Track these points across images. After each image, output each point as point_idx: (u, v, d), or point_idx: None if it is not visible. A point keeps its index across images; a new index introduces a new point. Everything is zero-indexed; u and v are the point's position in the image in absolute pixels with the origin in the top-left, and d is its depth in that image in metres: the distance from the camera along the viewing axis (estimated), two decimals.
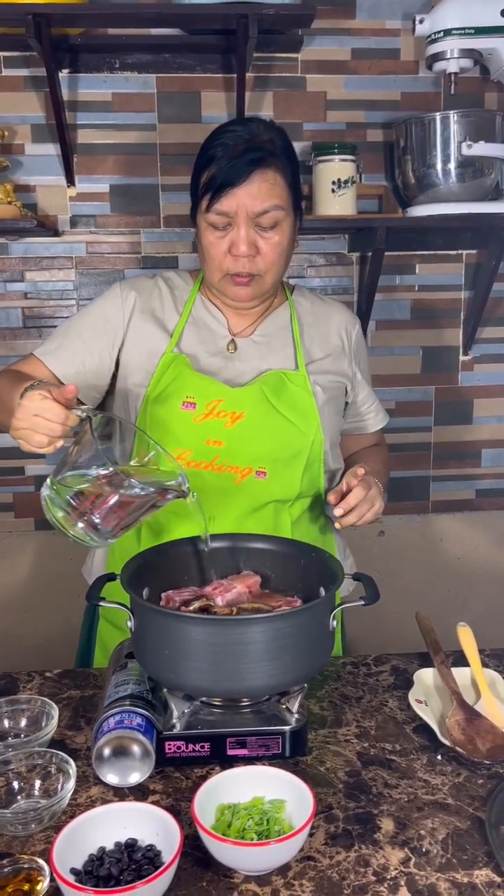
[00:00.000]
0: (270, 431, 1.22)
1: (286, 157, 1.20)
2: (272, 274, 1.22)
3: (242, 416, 1.21)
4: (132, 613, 0.96)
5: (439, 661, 1.11)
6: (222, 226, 1.18)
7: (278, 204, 1.18)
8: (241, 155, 1.15)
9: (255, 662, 0.88)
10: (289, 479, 1.24)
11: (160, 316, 1.28)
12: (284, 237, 1.21)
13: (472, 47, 1.74)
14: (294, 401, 1.25)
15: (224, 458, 1.20)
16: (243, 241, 1.17)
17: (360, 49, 1.92)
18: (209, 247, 1.20)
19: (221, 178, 1.15)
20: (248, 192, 1.15)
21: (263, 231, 1.18)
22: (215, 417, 1.20)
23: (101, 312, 1.29)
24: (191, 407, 1.21)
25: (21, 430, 0.98)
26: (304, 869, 0.78)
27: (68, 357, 1.27)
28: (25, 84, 1.86)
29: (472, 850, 0.81)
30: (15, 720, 1.01)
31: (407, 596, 2.04)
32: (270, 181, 1.17)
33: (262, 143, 1.17)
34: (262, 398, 1.22)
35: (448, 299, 2.06)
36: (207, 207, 1.17)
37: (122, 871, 0.74)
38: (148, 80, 1.89)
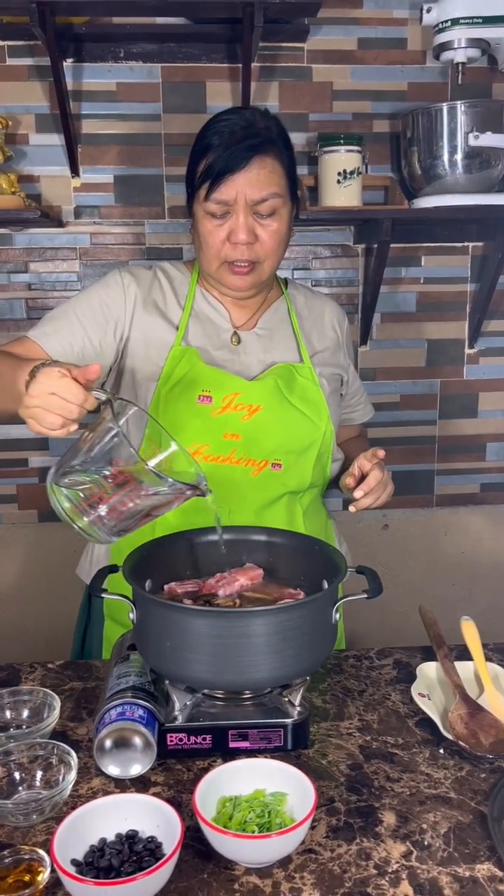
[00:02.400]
0: (286, 424, 1.23)
1: (283, 144, 1.20)
2: (270, 262, 1.22)
3: (259, 408, 1.21)
4: (134, 605, 0.96)
5: (442, 654, 1.10)
6: (220, 214, 1.17)
7: (276, 192, 1.17)
8: (240, 141, 1.15)
9: (257, 655, 0.88)
10: (302, 471, 1.25)
11: (163, 308, 1.27)
12: (283, 225, 1.20)
13: (479, 37, 1.72)
14: (304, 393, 1.26)
15: (241, 451, 1.21)
16: (242, 228, 1.17)
17: (367, 39, 1.90)
18: (207, 235, 1.19)
19: (220, 165, 1.15)
20: (246, 180, 1.15)
21: (262, 219, 1.18)
22: (233, 411, 1.21)
23: (102, 300, 1.25)
24: (207, 400, 1.20)
25: (33, 408, 0.91)
26: (306, 862, 0.78)
27: (66, 341, 1.21)
28: (29, 73, 1.85)
29: (473, 845, 0.80)
30: (17, 711, 1.01)
31: (410, 589, 2.04)
32: (269, 168, 1.16)
33: (259, 130, 1.16)
34: (277, 391, 1.23)
35: (454, 292, 2.05)
36: (206, 196, 1.16)
37: (123, 863, 0.74)
38: (153, 70, 1.88)
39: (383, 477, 1.16)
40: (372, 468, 1.15)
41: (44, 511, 2.06)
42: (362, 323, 2.02)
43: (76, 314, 1.24)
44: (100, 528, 0.94)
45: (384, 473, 1.17)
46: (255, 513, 1.23)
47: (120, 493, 0.92)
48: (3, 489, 2.05)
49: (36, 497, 2.05)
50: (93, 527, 0.94)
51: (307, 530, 1.26)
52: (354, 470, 1.17)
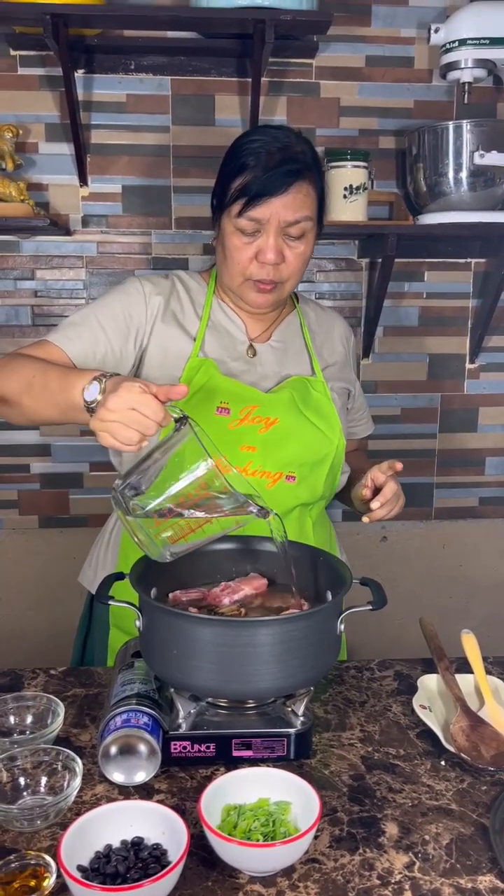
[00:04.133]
0: (301, 437, 1.24)
1: (317, 169, 1.22)
2: (292, 282, 1.24)
3: (276, 421, 1.22)
4: (140, 613, 0.97)
5: (443, 667, 1.11)
6: (251, 231, 1.18)
7: (308, 215, 1.19)
8: (279, 165, 1.16)
9: (262, 664, 0.89)
10: (314, 483, 1.26)
11: (181, 319, 1.28)
12: (309, 247, 1.23)
13: (486, 57, 1.75)
14: (318, 406, 1.28)
15: (257, 463, 1.21)
16: (272, 248, 1.18)
17: (375, 56, 1.92)
18: (234, 251, 1.20)
19: (258, 188, 1.15)
20: (282, 203, 1.16)
21: (291, 240, 1.20)
22: (250, 423, 1.22)
23: (125, 308, 1.24)
24: (225, 412, 1.21)
25: (110, 422, 0.89)
26: (309, 871, 0.79)
27: (89, 348, 1.21)
28: (41, 83, 1.87)
29: (475, 856, 0.81)
30: (20, 717, 1.02)
31: (409, 602, 2.05)
32: (304, 193, 1.18)
33: (296, 154, 1.18)
34: (293, 404, 1.25)
35: (456, 307, 2.07)
36: (240, 213, 1.17)
37: (129, 870, 0.74)
38: (163, 83, 1.90)
39: (398, 489, 1.18)
40: (387, 480, 1.17)
41: (44, 516, 2.07)
42: (365, 336, 2.04)
43: (98, 320, 1.23)
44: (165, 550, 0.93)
45: (398, 486, 1.18)
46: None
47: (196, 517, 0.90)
48: (4, 494, 2.05)
49: (37, 502, 2.06)
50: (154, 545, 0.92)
51: (316, 541, 1.27)
52: (368, 481, 1.18)
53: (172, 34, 1.82)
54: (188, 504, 0.90)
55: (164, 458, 0.91)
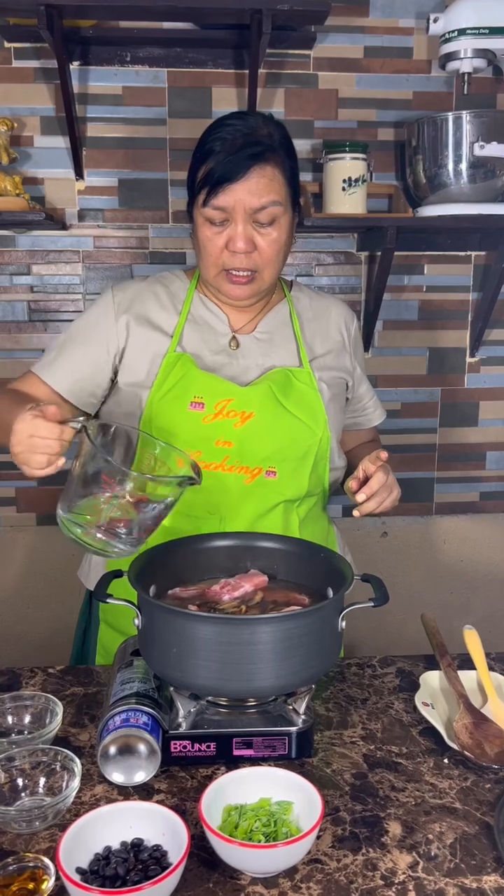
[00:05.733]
0: (280, 430, 1.21)
1: (285, 152, 1.18)
2: (270, 271, 1.21)
3: (252, 415, 1.20)
4: (139, 611, 0.95)
5: (446, 663, 1.10)
6: (219, 221, 1.16)
7: (276, 200, 1.16)
8: (240, 149, 1.13)
9: (263, 662, 0.88)
10: (298, 479, 1.23)
11: (156, 319, 1.26)
12: (282, 233, 1.19)
13: (485, 47, 1.73)
14: (301, 398, 1.24)
15: (234, 458, 1.19)
16: (240, 237, 1.15)
17: (373, 47, 1.91)
18: (206, 242, 1.19)
19: (219, 173, 1.13)
20: (245, 188, 1.14)
21: (261, 227, 1.17)
22: (225, 417, 1.19)
23: (94, 320, 1.27)
24: (199, 407, 1.20)
25: (19, 454, 0.97)
26: (312, 872, 0.78)
27: (65, 368, 1.25)
28: (36, 76, 1.85)
29: (480, 856, 0.80)
30: (18, 716, 1.01)
31: (409, 597, 2.04)
32: (268, 176, 1.15)
33: (260, 138, 1.15)
34: (271, 397, 1.21)
35: (456, 300, 2.05)
36: (204, 202, 1.15)
37: (129, 871, 0.73)
38: (159, 75, 1.88)
39: (387, 480, 1.13)
40: (375, 471, 1.13)
41: (42, 514, 2.05)
42: (364, 330, 2.02)
43: (72, 339, 1.27)
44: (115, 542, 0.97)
45: (388, 476, 1.14)
46: (248, 522, 1.21)
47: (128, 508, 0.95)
48: (2, 492, 2.04)
49: (35, 500, 2.04)
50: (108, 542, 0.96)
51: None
52: (359, 473, 1.15)
53: (168, 25, 1.80)
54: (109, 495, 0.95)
55: (75, 470, 0.97)
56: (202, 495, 1.19)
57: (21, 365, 1.98)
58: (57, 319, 1.97)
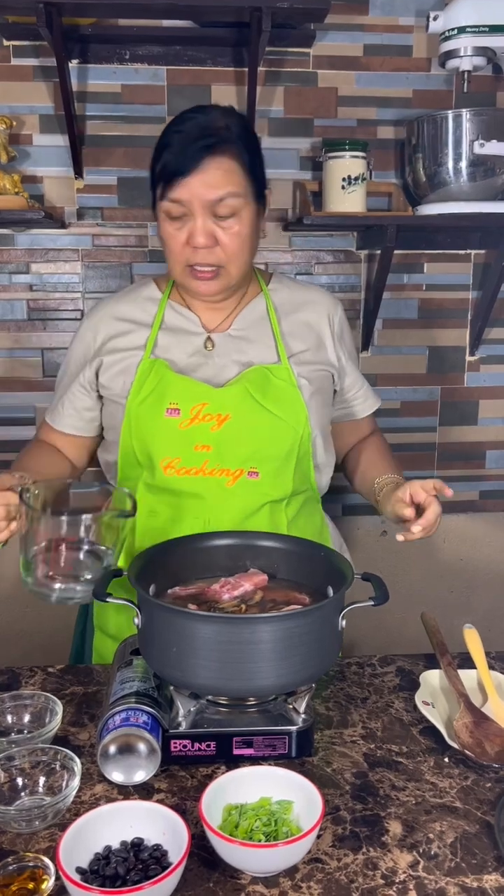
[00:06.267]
0: (258, 430, 1.20)
1: (243, 143, 1.16)
2: (236, 265, 1.18)
3: (228, 417, 1.19)
4: (139, 610, 0.95)
5: (446, 662, 1.10)
6: (178, 214, 1.15)
7: (234, 191, 1.13)
8: (194, 141, 1.12)
9: (263, 661, 0.87)
10: (282, 478, 1.22)
11: (131, 334, 1.26)
12: (244, 226, 1.16)
13: (485, 45, 1.73)
14: (280, 396, 1.21)
15: (214, 461, 1.19)
16: (200, 231, 1.13)
17: (373, 45, 1.90)
18: (168, 238, 1.17)
19: (173, 167, 1.12)
20: (201, 181, 1.11)
21: (221, 220, 1.14)
22: (201, 422, 1.18)
23: (74, 355, 1.31)
24: (175, 413, 1.19)
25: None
26: (312, 871, 0.77)
27: (66, 410, 1.31)
28: (35, 74, 1.85)
29: (481, 855, 0.80)
30: (18, 716, 1.01)
31: (409, 596, 2.04)
32: (224, 168, 1.12)
33: (216, 130, 1.13)
34: (246, 397, 1.20)
35: (455, 299, 2.05)
36: (161, 196, 1.15)
37: (129, 871, 0.73)
38: (158, 73, 1.87)
39: (440, 511, 1.11)
40: (431, 501, 1.10)
41: None
42: (364, 329, 2.02)
43: (64, 378, 1.33)
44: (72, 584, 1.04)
45: (440, 507, 1.11)
46: (233, 523, 1.20)
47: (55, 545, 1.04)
48: None
49: None
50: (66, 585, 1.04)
51: None
52: (407, 497, 1.11)
53: (168, 23, 1.80)
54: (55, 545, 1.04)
55: (23, 531, 1.05)
56: (186, 500, 1.20)
57: (20, 364, 1.98)
58: (56, 318, 1.97)
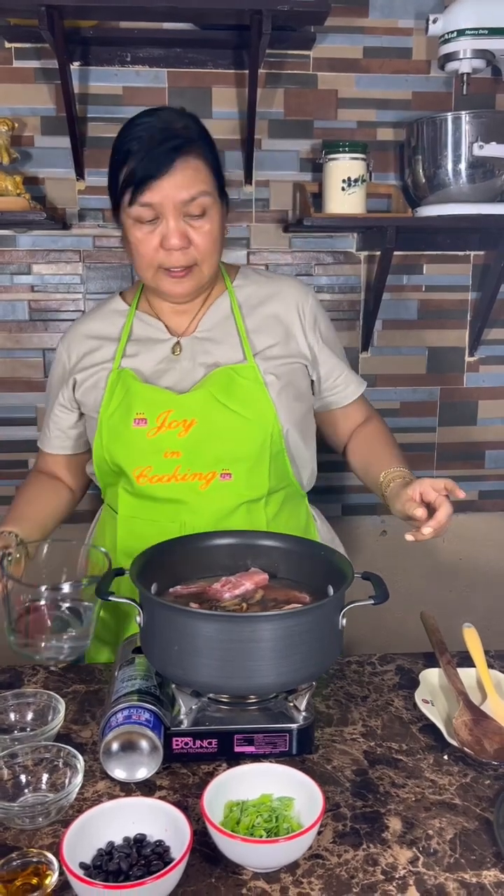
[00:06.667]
0: (225, 433, 1.20)
1: (204, 143, 1.17)
2: (208, 264, 1.19)
3: (195, 422, 1.19)
4: (141, 608, 0.96)
5: (445, 661, 1.11)
6: (149, 219, 1.15)
7: (205, 190, 1.14)
8: (159, 144, 1.12)
9: (264, 660, 0.88)
10: (256, 477, 1.23)
11: (100, 350, 1.29)
12: (215, 225, 1.17)
13: (485, 48, 1.73)
14: (246, 395, 1.21)
15: (185, 467, 1.20)
16: (174, 233, 1.14)
17: (373, 48, 1.91)
18: (138, 244, 1.17)
19: (142, 172, 1.12)
20: (172, 182, 1.12)
21: (193, 220, 1.15)
22: (168, 429, 1.19)
23: (55, 376, 1.34)
24: (142, 423, 1.20)
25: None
26: (313, 867, 0.78)
27: (57, 431, 1.35)
28: (36, 76, 1.85)
29: (479, 851, 0.81)
30: (21, 714, 1.01)
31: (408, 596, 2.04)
32: (193, 167, 1.13)
33: (178, 131, 1.14)
34: (211, 400, 1.20)
35: (455, 300, 2.06)
36: (131, 201, 1.14)
37: (132, 867, 0.74)
38: (159, 75, 1.88)
39: (451, 512, 1.07)
40: (442, 501, 1.07)
41: None
42: (364, 329, 2.03)
43: (51, 398, 1.36)
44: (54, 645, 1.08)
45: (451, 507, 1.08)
46: (210, 525, 1.21)
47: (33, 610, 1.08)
48: (2, 490, 2.04)
49: None
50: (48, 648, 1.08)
51: None
52: (417, 496, 1.09)
53: (169, 26, 1.81)
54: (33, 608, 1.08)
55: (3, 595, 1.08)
56: (163, 505, 1.22)
57: (21, 364, 1.98)
58: (57, 319, 1.97)
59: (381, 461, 1.27)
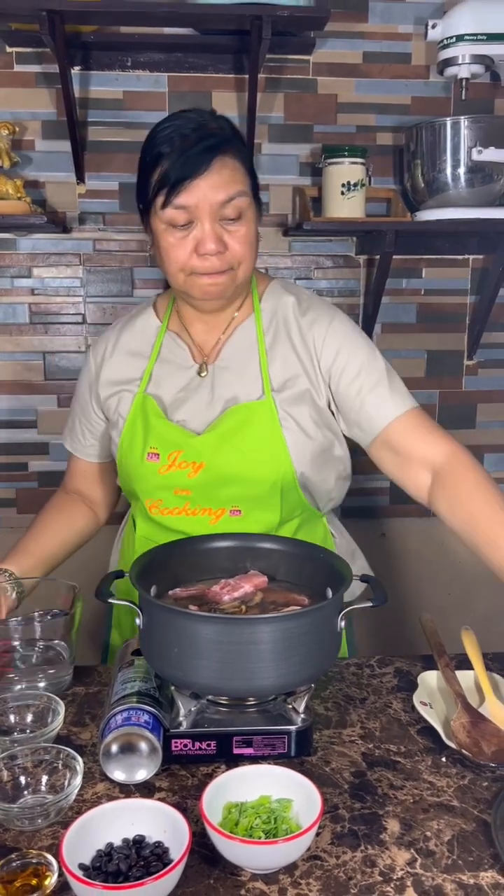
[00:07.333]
0: (235, 476, 1.17)
1: (240, 142, 1.13)
2: (244, 268, 1.14)
3: (203, 465, 1.17)
4: (140, 610, 0.96)
5: (444, 663, 1.11)
6: (183, 222, 1.09)
7: (242, 190, 1.10)
8: (195, 144, 1.07)
9: (263, 662, 0.89)
10: (266, 513, 1.20)
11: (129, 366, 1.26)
12: (251, 229, 1.13)
13: (483, 53, 1.75)
14: (259, 436, 1.17)
15: (194, 503, 1.20)
16: (210, 237, 1.08)
17: (372, 53, 1.92)
18: (170, 249, 1.11)
19: (177, 172, 1.06)
20: (208, 183, 1.07)
21: (229, 224, 1.10)
22: (177, 469, 1.18)
23: (86, 383, 1.32)
24: (155, 458, 1.19)
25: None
26: (311, 868, 0.79)
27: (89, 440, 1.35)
28: (37, 80, 1.86)
29: (477, 853, 0.81)
30: (21, 715, 1.01)
31: (408, 599, 2.06)
32: (230, 167, 1.09)
33: (213, 130, 1.09)
34: (222, 444, 1.17)
35: (454, 304, 2.07)
36: (164, 204, 1.08)
37: (131, 868, 0.74)
38: (160, 79, 1.89)
39: None
40: None
41: None
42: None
43: (76, 409, 1.36)
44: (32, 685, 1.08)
45: None
46: None
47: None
48: (2, 493, 2.05)
49: (35, 501, 2.05)
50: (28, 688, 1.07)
51: None
52: None
53: (169, 30, 1.82)
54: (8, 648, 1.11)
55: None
56: (174, 535, 1.21)
57: (21, 367, 1.99)
58: (58, 322, 1.98)
59: (491, 541, 1.10)
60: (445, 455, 1.17)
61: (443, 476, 1.15)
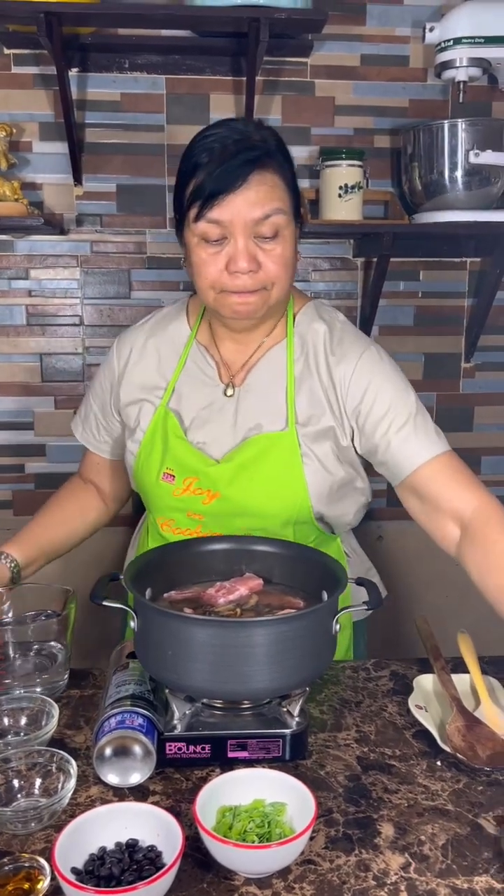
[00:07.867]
0: (249, 507, 1.16)
1: (283, 157, 1.08)
2: (279, 289, 1.09)
3: (218, 495, 1.16)
4: (135, 613, 0.96)
5: (439, 667, 1.11)
6: (216, 237, 1.05)
7: (280, 207, 1.05)
8: (233, 156, 1.02)
9: (258, 665, 0.88)
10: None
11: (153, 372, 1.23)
12: (287, 248, 1.07)
13: (481, 56, 1.75)
14: (279, 468, 1.14)
15: (207, 528, 1.19)
16: (242, 254, 1.04)
17: (370, 55, 1.92)
18: (201, 265, 1.07)
19: (212, 186, 1.02)
20: (244, 198, 1.02)
21: (264, 242, 1.06)
22: (192, 494, 1.17)
23: (106, 378, 1.30)
24: (170, 479, 1.18)
25: None
26: (305, 872, 0.78)
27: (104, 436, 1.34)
28: (35, 82, 1.86)
29: (471, 857, 0.81)
30: (14, 718, 1.01)
31: (404, 602, 2.05)
32: (269, 183, 1.04)
33: (255, 142, 1.04)
34: (239, 475, 1.14)
35: (451, 306, 2.07)
36: (197, 217, 1.04)
37: (124, 872, 0.74)
38: (157, 81, 1.89)
39: None
40: None
41: None
42: None
43: (92, 402, 1.34)
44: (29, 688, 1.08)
45: None
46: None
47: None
48: (0, 495, 2.04)
49: (32, 503, 2.04)
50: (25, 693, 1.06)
51: None
52: None
53: (167, 33, 1.82)
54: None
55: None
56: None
57: (18, 369, 1.99)
58: (55, 324, 1.98)
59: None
60: (475, 508, 1.12)
61: (472, 532, 1.12)
